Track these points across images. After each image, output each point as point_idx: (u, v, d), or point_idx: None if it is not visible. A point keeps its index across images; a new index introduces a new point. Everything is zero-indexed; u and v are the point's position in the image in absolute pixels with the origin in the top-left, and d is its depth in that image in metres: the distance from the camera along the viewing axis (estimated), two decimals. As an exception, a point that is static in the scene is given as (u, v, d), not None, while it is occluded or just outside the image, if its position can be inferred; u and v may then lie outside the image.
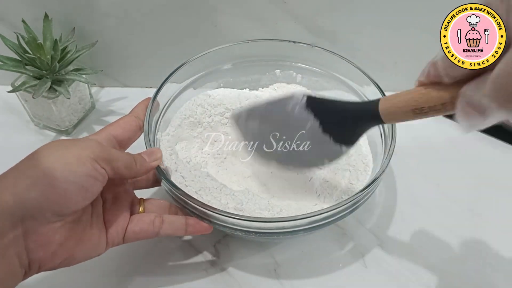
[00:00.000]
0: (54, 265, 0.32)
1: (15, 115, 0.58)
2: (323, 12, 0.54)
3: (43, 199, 0.29)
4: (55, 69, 0.51)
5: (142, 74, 0.61)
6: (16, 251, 0.29)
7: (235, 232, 0.38)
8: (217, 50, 0.50)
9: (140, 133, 0.42)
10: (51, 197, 0.30)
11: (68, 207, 0.31)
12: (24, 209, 0.29)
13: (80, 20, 0.55)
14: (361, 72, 0.48)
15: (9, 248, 0.29)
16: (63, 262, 0.32)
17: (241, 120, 0.42)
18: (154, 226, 0.37)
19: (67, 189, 0.30)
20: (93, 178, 0.32)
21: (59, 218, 0.31)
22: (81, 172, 0.31)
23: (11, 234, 0.29)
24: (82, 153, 0.32)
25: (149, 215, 0.38)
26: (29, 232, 0.30)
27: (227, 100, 0.50)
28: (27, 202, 0.29)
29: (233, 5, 0.53)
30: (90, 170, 0.32)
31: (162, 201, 0.41)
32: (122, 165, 0.34)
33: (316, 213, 0.36)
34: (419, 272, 0.43)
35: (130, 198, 0.39)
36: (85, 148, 0.32)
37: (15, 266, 0.29)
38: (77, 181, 0.31)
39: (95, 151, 0.32)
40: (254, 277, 0.43)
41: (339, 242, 0.46)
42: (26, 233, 0.30)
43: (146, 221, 0.38)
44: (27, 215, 0.29)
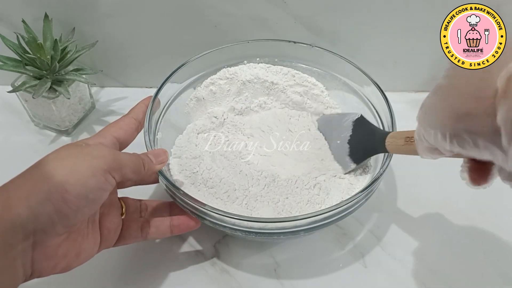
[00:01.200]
0: (52, 273, 0.32)
1: (15, 115, 0.58)
2: (323, 12, 0.54)
3: (55, 213, 0.29)
4: (55, 69, 0.51)
5: (142, 74, 0.61)
6: (23, 262, 0.29)
7: (235, 232, 0.38)
8: (217, 50, 0.50)
9: (136, 134, 0.42)
10: (63, 211, 0.30)
11: (76, 219, 0.31)
12: (37, 223, 0.29)
13: (80, 20, 0.55)
14: (361, 72, 0.48)
15: (16, 259, 0.29)
16: (60, 271, 0.33)
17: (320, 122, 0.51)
18: (142, 233, 0.39)
19: (78, 203, 0.30)
20: (102, 190, 0.32)
21: (66, 230, 0.31)
22: (93, 185, 0.31)
23: (20, 246, 0.29)
24: (95, 164, 0.31)
25: (137, 221, 0.39)
26: (37, 245, 0.30)
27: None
28: (40, 217, 0.29)
29: (233, 5, 0.53)
30: (102, 182, 0.31)
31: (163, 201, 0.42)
32: (130, 170, 0.34)
33: (316, 214, 0.36)
34: (419, 272, 0.43)
35: (117, 200, 0.39)
36: (97, 157, 0.32)
37: (18, 275, 0.30)
38: (88, 195, 0.31)
39: (108, 161, 0.32)
40: (254, 277, 0.43)
41: (339, 242, 0.46)
42: (34, 245, 0.30)
43: (133, 228, 0.39)
44: (39, 228, 0.29)
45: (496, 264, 0.44)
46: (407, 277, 0.43)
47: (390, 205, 0.49)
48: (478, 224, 0.47)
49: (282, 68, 0.52)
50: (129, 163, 0.34)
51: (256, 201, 0.42)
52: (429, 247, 0.45)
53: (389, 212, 0.48)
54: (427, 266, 0.44)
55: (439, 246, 0.45)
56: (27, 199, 0.29)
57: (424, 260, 0.44)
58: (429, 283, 0.43)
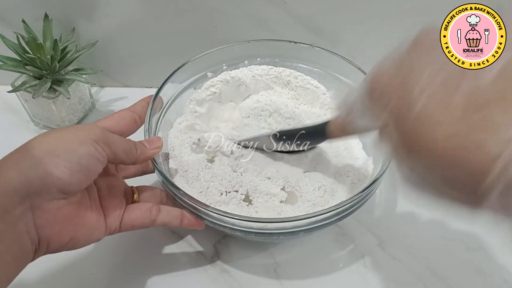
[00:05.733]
0: (61, 245, 0.33)
1: (15, 115, 0.58)
2: (323, 12, 0.54)
3: (46, 176, 0.30)
4: (55, 69, 0.51)
5: (142, 74, 0.61)
6: (26, 226, 0.30)
7: (235, 232, 0.38)
8: (217, 50, 0.50)
9: (136, 128, 0.41)
10: (55, 174, 0.30)
11: (71, 185, 0.32)
12: (29, 186, 0.30)
13: (80, 20, 0.55)
14: (361, 72, 0.48)
15: (18, 222, 0.29)
16: (69, 242, 0.33)
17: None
18: (151, 214, 0.38)
19: (70, 168, 0.31)
20: (94, 158, 0.33)
21: (63, 195, 0.32)
22: (82, 152, 0.32)
23: (19, 209, 0.29)
24: (82, 135, 0.33)
25: (146, 204, 0.39)
26: (35, 208, 0.30)
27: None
28: (31, 179, 0.30)
29: (233, 5, 0.53)
30: (91, 150, 0.32)
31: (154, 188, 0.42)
32: (121, 150, 0.35)
33: (317, 214, 0.36)
34: (419, 272, 0.43)
35: (123, 186, 0.40)
36: (84, 130, 0.33)
37: (26, 242, 0.30)
38: (79, 160, 0.31)
39: (96, 133, 0.33)
40: (254, 277, 0.43)
41: (339, 243, 0.46)
42: (33, 208, 0.30)
43: (142, 209, 0.38)
44: (32, 191, 0.30)
45: (498, 265, 0.44)
46: (407, 277, 0.43)
47: (390, 205, 0.49)
48: (479, 224, 0.47)
49: (285, 70, 0.52)
50: (119, 142, 0.35)
51: (260, 201, 0.42)
52: (429, 247, 0.45)
53: (389, 212, 0.48)
54: (427, 266, 0.44)
55: (439, 246, 0.45)
56: (17, 165, 0.30)
57: (424, 260, 0.44)
58: (429, 283, 0.43)
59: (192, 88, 0.51)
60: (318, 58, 0.51)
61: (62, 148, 0.31)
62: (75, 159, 0.31)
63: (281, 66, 0.53)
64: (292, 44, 0.51)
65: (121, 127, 0.40)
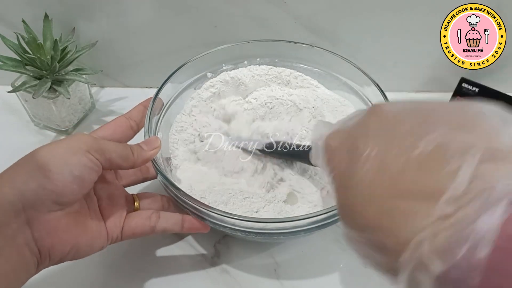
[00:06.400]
0: (63, 255, 0.32)
1: (15, 115, 0.58)
2: (323, 12, 0.54)
3: (40, 189, 0.30)
4: (55, 69, 0.51)
5: (142, 74, 0.61)
6: (24, 238, 0.30)
7: (236, 232, 0.38)
8: (217, 50, 0.50)
9: (132, 134, 0.41)
10: (48, 187, 0.30)
11: (66, 196, 0.32)
12: (24, 199, 0.30)
13: (80, 20, 0.55)
14: (361, 72, 0.48)
15: (16, 236, 0.30)
16: (70, 252, 0.33)
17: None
18: (151, 221, 0.38)
19: (63, 180, 0.31)
20: (87, 168, 0.33)
21: (59, 207, 0.32)
22: (74, 162, 0.32)
23: (15, 223, 0.30)
24: (74, 145, 0.33)
25: (147, 211, 0.39)
26: (32, 221, 0.30)
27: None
28: (25, 193, 0.30)
29: (233, 5, 0.53)
30: (84, 160, 0.32)
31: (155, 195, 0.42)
32: (116, 155, 0.35)
33: (317, 214, 0.36)
34: (419, 272, 0.43)
35: (123, 194, 0.40)
36: (76, 140, 0.33)
37: (26, 255, 0.30)
38: (72, 171, 0.32)
39: (87, 142, 0.33)
40: (254, 277, 0.43)
41: (340, 243, 0.45)
42: (29, 221, 0.30)
43: (142, 216, 0.38)
44: (27, 205, 0.30)
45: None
46: (407, 277, 0.43)
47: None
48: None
49: (284, 70, 0.52)
50: (113, 148, 0.35)
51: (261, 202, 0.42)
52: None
53: (389, 212, 0.48)
54: (427, 266, 0.44)
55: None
56: (12, 180, 0.30)
57: (424, 260, 0.44)
58: (429, 283, 0.42)
59: (192, 88, 0.51)
60: (318, 58, 0.51)
61: (55, 160, 0.31)
62: (68, 171, 0.31)
63: (281, 66, 0.53)
64: (292, 44, 0.51)
65: (118, 134, 0.40)
